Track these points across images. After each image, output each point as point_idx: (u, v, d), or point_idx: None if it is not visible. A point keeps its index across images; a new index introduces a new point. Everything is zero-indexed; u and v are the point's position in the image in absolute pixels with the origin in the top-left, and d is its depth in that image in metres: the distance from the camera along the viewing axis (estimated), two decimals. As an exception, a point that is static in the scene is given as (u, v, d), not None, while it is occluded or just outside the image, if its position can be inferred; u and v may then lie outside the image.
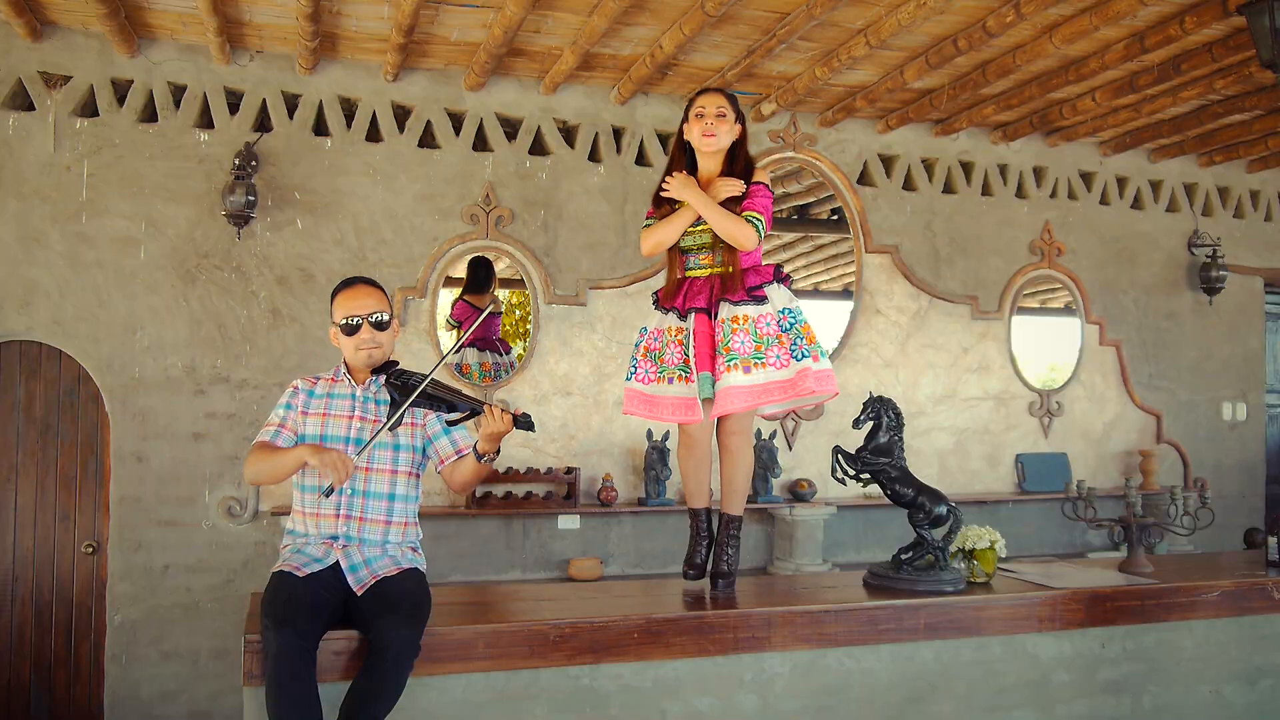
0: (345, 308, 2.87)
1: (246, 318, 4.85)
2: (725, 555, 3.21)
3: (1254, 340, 6.83)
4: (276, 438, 2.83)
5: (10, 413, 4.61)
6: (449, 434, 2.90)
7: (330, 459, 2.62)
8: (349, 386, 2.91)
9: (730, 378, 2.97)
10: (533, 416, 2.77)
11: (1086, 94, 5.36)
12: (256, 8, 4.36)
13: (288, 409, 2.88)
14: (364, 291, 2.90)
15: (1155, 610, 3.37)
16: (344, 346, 2.89)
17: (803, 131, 5.75)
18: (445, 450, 2.89)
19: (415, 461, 2.89)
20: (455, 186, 5.17)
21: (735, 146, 3.18)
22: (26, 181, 4.57)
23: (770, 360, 2.97)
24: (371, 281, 2.96)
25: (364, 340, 2.85)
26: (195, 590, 4.74)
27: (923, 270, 6.00)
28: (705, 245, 3.13)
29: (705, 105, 3.13)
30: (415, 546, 2.90)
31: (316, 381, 2.94)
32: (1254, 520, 6.56)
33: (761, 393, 2.97)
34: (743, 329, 3.00)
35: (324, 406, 2.87)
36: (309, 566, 2.67)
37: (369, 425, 2.85)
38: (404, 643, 2.47)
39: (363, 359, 2.87)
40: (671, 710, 2.85)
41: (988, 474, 6.12)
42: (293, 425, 2.86)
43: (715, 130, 3.10)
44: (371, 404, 2.89)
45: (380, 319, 2.87)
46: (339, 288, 2.94)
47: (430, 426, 2.90)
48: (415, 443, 2.89)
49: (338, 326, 2.88)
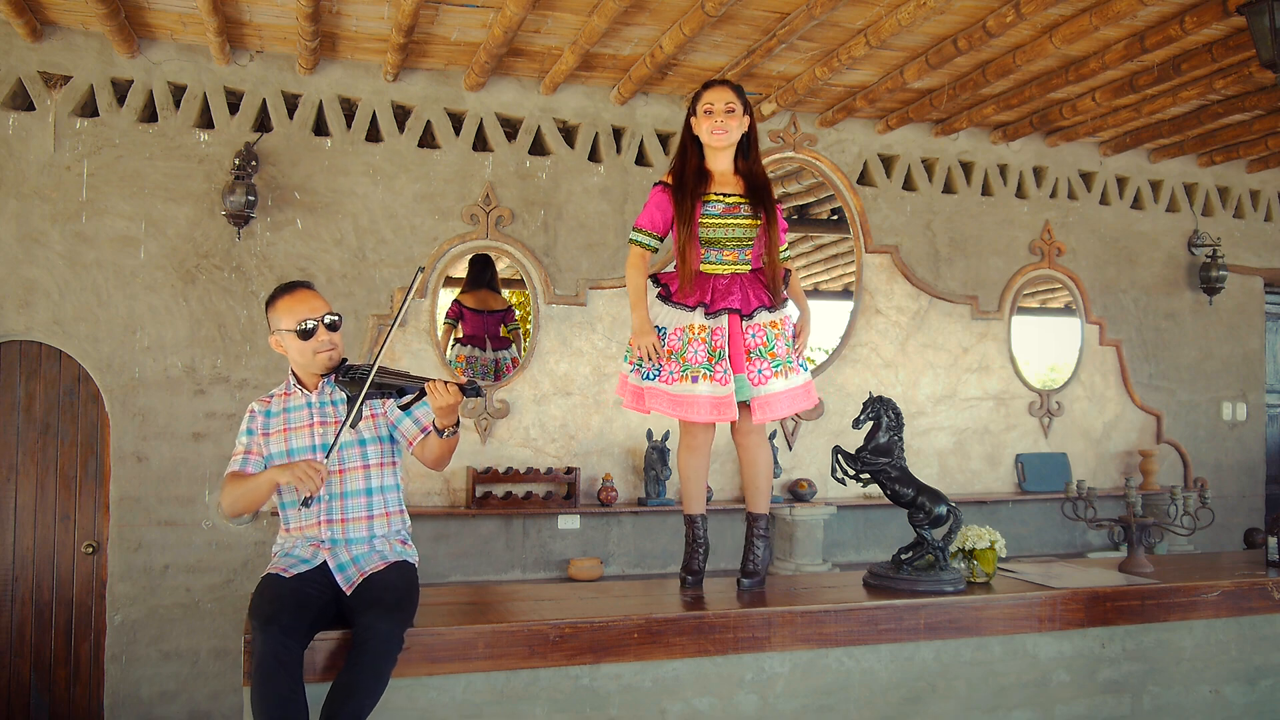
0: (296, 312, 2.81)
1: (246, 318, 4.85)
2: (753, 554, 3.23)
3: (1254, 340, 6.83)
4: (246, 465, 2.82)
5: (10, 413, 4.61)
6: (410, 414, 2.88)
7: (299, 471, 2.61)
8: (302, 396, 2.88)
9: (775, 384, 3.01)
10: (477, 383, 2.79)
11: (1086, 94, 5.36)
12: (256, 8, 4.36)
13: (249, 435, 2.86)
14: (310, 295, 2.86)
15: (1155, 610, 3.37)
16: (298, 352, 2.82)
17: (803, 131, 5.75)
18: (410, 431, 2.88)
19: (385, 451, 2.88)
20: (455, 186, 5.17)
21: (745, 139, 3.18)
22: (26, 181, 4.57)
23: (795, 366, 3.08)
24: (311, 285, 2.93)
25: (322, 343, 2.81)
26: (195, 590, 4.74)
27: (923, 270, 6.00)
28: (735, 240, 3.11)
29: (714, 101, 3.11)
30: (404, 539, 2.90)
31: (271, 400, 2.91)
32: (1254, 520, 6.56)
33: (801, 397, 3.08)
34: (782, 334, 3.06)
35: (283, 422, 2.85)
36: (296, 568, 2.69)
37: (331, 428, 2.83)
38: (385, 636, 2.47)
39: (322, 362, 2.83)
40: (671, 710, 2.85)
41: (988, 474, 6.12)
42: (258, 449, 2.84)
43: (726, 127, 3.10)
44: (329, 407, 2.86)
45: (333, 320, 2.85)
46: (278, 294, 2.87)
47: (391, 413, 2.89)
48: (380, 433, 2.88)
49: (290, 332, 2.80)
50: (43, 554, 4.64)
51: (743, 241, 3.11)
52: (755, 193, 3.12)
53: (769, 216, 3.10)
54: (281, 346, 2.86)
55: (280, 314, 2.83)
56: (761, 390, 3.02)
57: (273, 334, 2.87)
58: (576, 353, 5.35)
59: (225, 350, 4.81)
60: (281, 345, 2.86)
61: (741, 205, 3.11)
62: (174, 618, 4.71)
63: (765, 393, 3.02)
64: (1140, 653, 3.37)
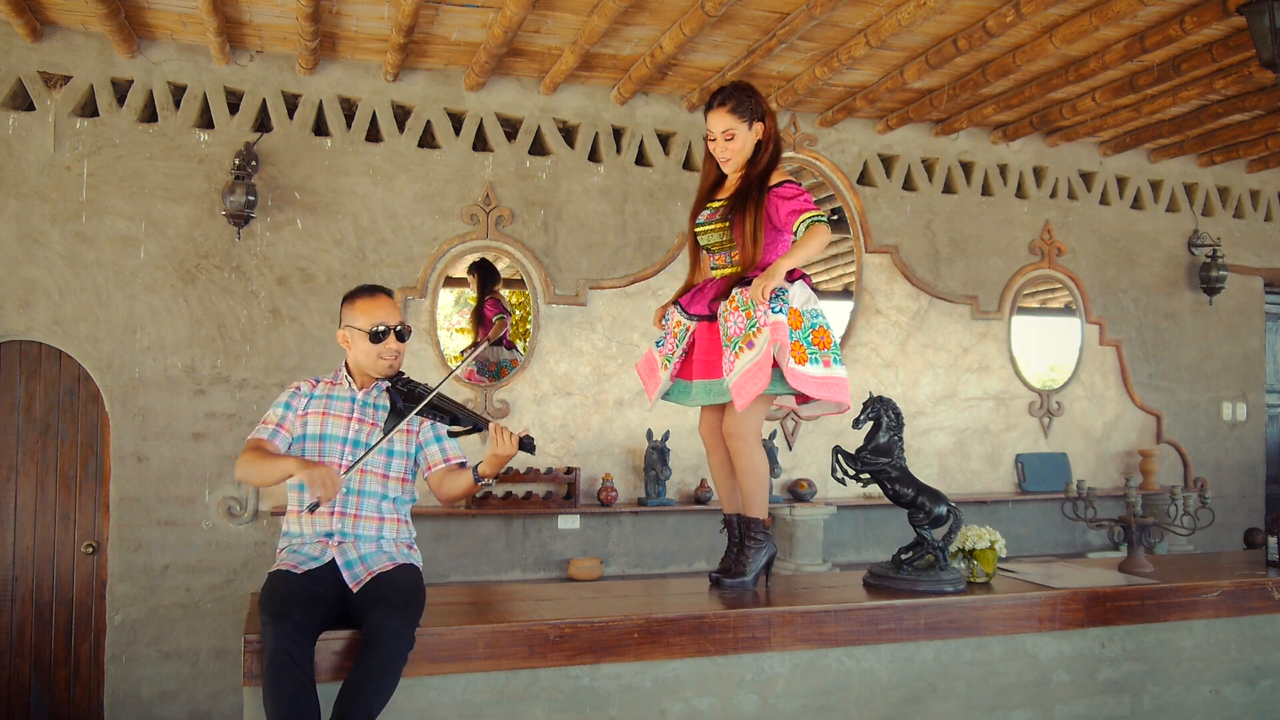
0: (373, 315, 2.90)
1: (246, 318, 4.85)
2: (737, 554, 3.20)
3: (1254, 340, 6.83)
4: (274, 437, 2.85)
5: (10, 413, 4.61)
6: (440, 442, 2.96)
7: (318, 475, 2.64)
8: (349, 389, 2.96)
9: (737, 365, 2.94)
10: (534, 439, 2.91)
11: (1086, 94, 5.36)
12: (256, 8, 4.36)
13: (287, 408, 2.90)
14: (388, 302, 2.96)
15: (1155, 610, 3.37)
16: (362, 352, 2.91)
17: (803, 131, 5.75)
18: (434, 457, 2.95)
19: (407, 468, 2.94)
20: (455, 186, 5.17)
21: (760, 146, 3.15)
22: (26, 181, 4.57)
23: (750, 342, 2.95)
24: (391, 293, 3.03)
25: (388, 350, 2.91)
26: (195, 590, 4.74)
27: (923, 270, 6.00)
28: (718, 244, 3.16)
29: (712, 128, 3.15)
30: (410, 544, 2.94)
31: (317, 384, 2.98)
32: (1254, 520, 6.56)
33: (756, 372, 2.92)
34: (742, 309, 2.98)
35: (323, 406, 2.92)
36: (305, 565, 2.70)
37: (365, 427, 2.89)
38: (394, 634, 2.48)
39: (383, 368, 2.92)
40: (671, 710, 2.85)
41: (988, 474, 6.12)
42: (290, 426, 2.88)
43: (727, 154, 3.14)
44: (370, 409, 2.93)
45: (403, 331, 2.95)
46: (359, 294, 2.97)
47: (424, 433, 2.97)
48: (409, 449, 2.94)
49: (362, 332, 2.90)
50: (43, 554, 4.64)
51: (724, 245, 3.15)
52: (739, 194, 3.12)
53: (741, 214, 3.07)
54: (347, 342, 2.95)
55: (357, 313, 2.93)
56: (731, 379, 2.96)
57: (343, 328, 2.95)
58: (576, 353, 5.35)
59: (225, 350, 4.81)
60: (348, 341, 2.95)
61: (720, 210, 3.15)
62: (174, 618, 4.71)
63: (732, 380, 2.96)
64: (1140, 653, 3.37)
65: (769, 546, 3.19)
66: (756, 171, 3.14)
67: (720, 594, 3.13)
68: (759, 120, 3.15)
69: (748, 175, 3.15)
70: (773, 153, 3.16)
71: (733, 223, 3.09)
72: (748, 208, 3.07)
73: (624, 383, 5.40)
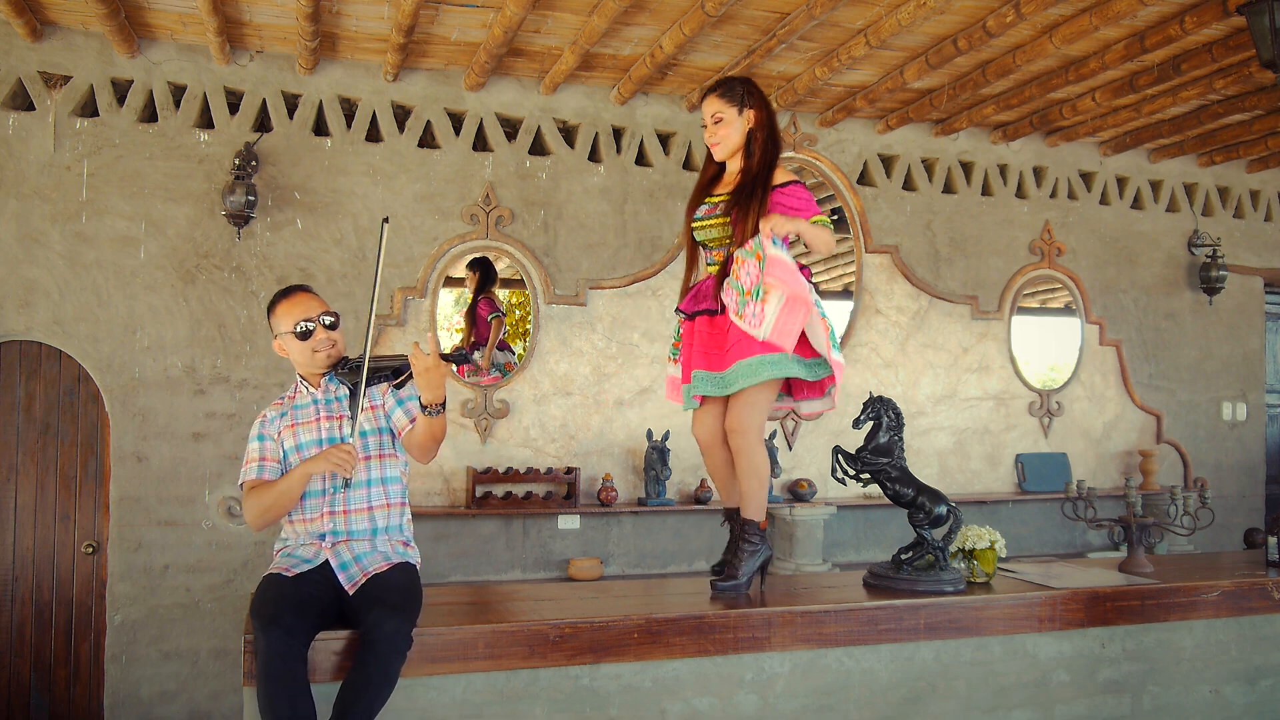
0: (293, 315, 2.88)
1: (246, 318, 4.85)
2: (725, 555, 3.17)
3: (1254, 340, 6.83)
4: (263, 471, 2.84)
5: (10, 413, 4.61)
6: (402, 405, 2.92)
7: (334, 457, 2.68)
8: (308, 394, 2.94)
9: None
10: (466, 351, 2.95)
11: (1086, 94, 5.36)
12: (256, 8, 4.36)
13: (261, 440, 2.88)
14: (306, 297, 2.93)
15: (1155, 610, 3.37)
16: (299, 353, 2.90)
17: (803, 131, 5.75)
18: (400, 421, 2.91)
19: (384, 443, 2.91)
20: (455, 186, 5.17)
21: (752, 136, 3.11)
22: (26, 181, 4.57)
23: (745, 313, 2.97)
24: (308, 288, 3.00)
25: (320, 341, 2.88)
26: (195, 590, 4.74)
27: (923, 270, 6.00)
28: (715, 240, 3.12)
29: (704, 113, 3.15)
30: (407, 540, 2.91)
31: (282, 401, 2.97)
32: (1254, 520, 6.56)
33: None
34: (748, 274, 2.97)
35: (291, 420, 2.90)
36: (297, 567, 2.70)
37: (336, 422, 2.89)
38: (392, 634, 2.47)
39: (322, 361, 2.90)
40: (671, 710, 2.85)
41: (988, 474, 6.12)
42: (272, 453, 2.87)
43: (716, 139, 3.12)
44: (334, 403, 2.92)
45: (330, 319, 2.91)
46: (277, 299, 2.95)
47: (386, 403, 2.93)
48: (380, 424, 2.92)
49: (289, 334, 2.88)
50: (43, 554, 4.64)
51: (721, 241, 3.10)
52: (739, 190, 3.08)
53: (744, 210, 3.03)
54: (285, 350, 2.93)
55: (279, 318, 2.91)
56: (765, 328, 2.91)
57: (275, 338, 2.94)
58: (576, 353, 5.35)
59: (225, 350, 4.81)
60: (285, 349, 2.93)
61: (720, 205, 3.11)
62: (174, 618, 4.71)
63: (768, 328, 2.90)
64: (1140, 653, 3.36)
65: (764, 550, 3.12)
66: (756, 166, 3.09)
67: (711, 590, 3.12)
68: (750, 108, 3.10)
69: (748, 170, 3.10)
70: (768, 145, 3.10)
71: (734, 218, 3.05)
72: (750, 205, 3.02)
73: (624, 383, 5.40)
